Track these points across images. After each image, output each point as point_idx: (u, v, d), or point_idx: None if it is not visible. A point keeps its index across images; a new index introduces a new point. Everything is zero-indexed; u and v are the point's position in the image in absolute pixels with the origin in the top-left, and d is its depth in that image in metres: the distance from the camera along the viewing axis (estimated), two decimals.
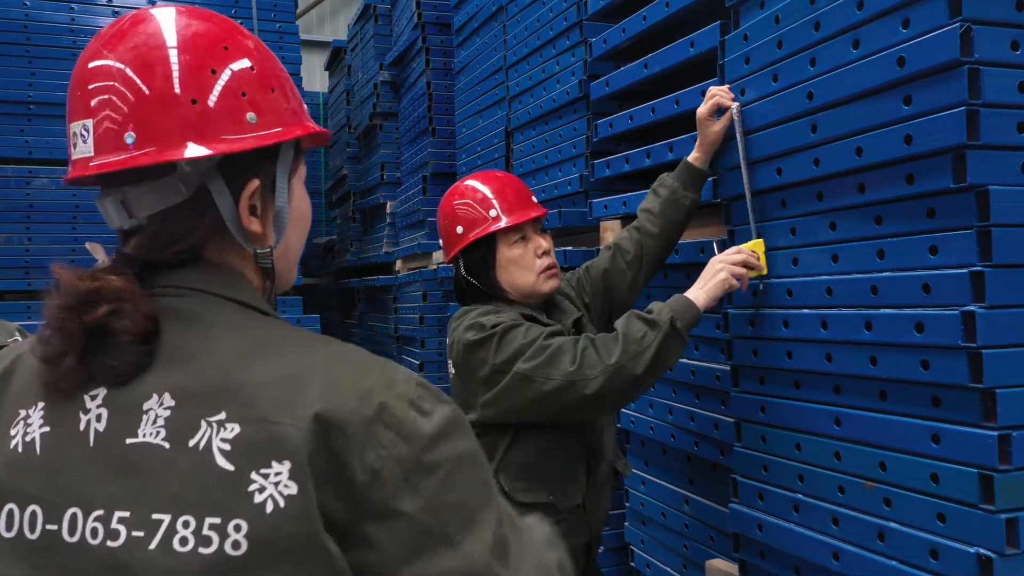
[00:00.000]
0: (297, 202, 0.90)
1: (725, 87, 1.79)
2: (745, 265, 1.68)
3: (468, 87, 3.81)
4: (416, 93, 4.72)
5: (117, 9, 4.33)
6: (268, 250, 0.86)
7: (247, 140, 0.81)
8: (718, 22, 1.93)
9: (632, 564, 2.49)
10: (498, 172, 1.98)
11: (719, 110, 1.79)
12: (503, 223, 1.81)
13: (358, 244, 6.07)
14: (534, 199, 1.92)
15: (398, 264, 4.94)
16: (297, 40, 4.66)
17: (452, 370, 1.83)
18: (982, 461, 1.26)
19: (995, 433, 1.24)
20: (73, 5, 4.26)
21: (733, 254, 1.69)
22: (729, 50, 1.84)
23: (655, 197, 1.96)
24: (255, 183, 0.82)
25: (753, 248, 1.70)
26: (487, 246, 1.84)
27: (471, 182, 1.91)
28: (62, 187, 4.14)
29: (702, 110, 1.82)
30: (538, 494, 1.75)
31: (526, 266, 1.83)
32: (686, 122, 2.17)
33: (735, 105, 1.74)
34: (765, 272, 1.70)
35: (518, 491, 1.73)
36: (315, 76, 9.54)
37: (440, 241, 1.95)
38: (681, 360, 2.13)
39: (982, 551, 1.25)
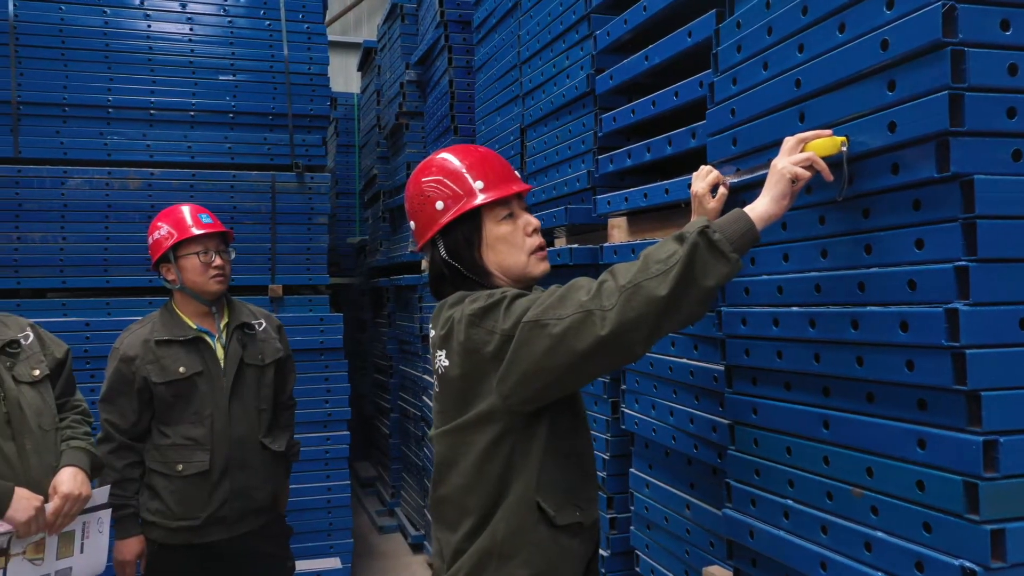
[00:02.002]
0: None
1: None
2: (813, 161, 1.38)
3: (487, 84, 3.78)
4: (440, 92, 4.72)
5: (149, 12, 4.41)
6: None
7: None
8: (714, 10, 1.86)
9: (637, 569, 2.43)
10: (474, 146, 1.77)
11: (715, 187, 1.69)
12: (491, 196, 1.61)
13: (387, 243, 6.09)
14: (517, 174, 1.74)
15: (424, 263, 4.94)
16: (325, 41, 4.68)
17: (444, 363, 1.59)
18: (967, 468, 1.18)
19: (980, 438, 1.16)
20: (106, 8, 4.34)
21: (795, 150, 1.41)
22: (723, 38, 1.78)
23: None
24: None
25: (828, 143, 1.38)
26: (472, 223, 1.62)
27: (447, 155, 1.69)
28: (96, 187, 4.23)
29: (700, 188, 1.69)
30: (570, 514, 1.59)
31: (516, 244, 1.63)
32: (690, 114, 2.11)
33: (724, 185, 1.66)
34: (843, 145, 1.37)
35: (557, 511, 1.56)
36: (352, 78, 9.63)
37: (411, 224, 1.74)
38: (680, 360, 2.07)
39: (967, 564, 1.17)
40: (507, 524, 1.54)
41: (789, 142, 1.42)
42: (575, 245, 2.62)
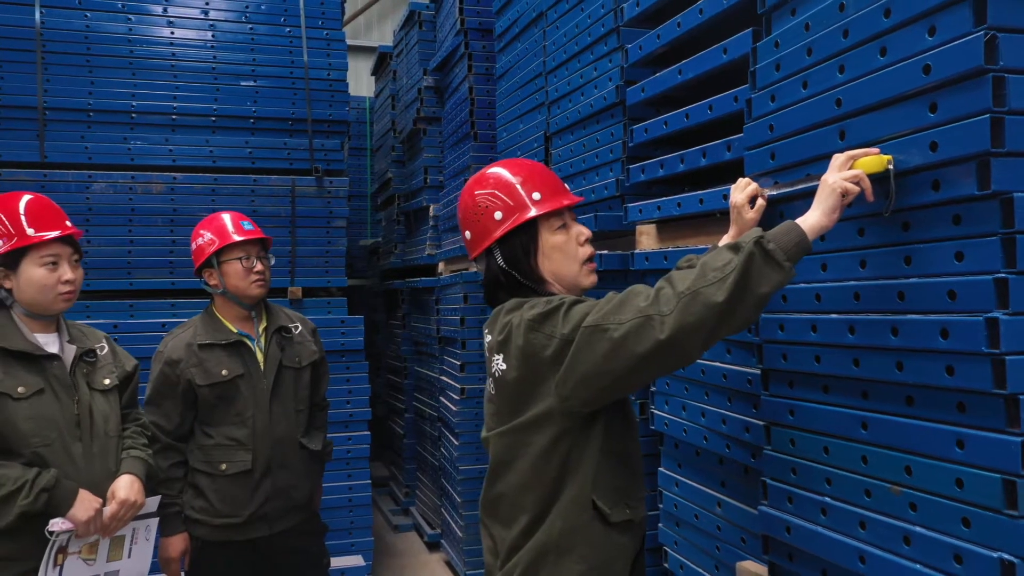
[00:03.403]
0: None
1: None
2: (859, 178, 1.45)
3: (509, 92, 3.86)
4: (459, 98, 4.79)
5: (172, 19, 4.48)
6: None
7: None
8: (750, 29, 1.94)
9: (666, 565, 2.51)
10: (525, 159, 1.85)
11: (753, 199, 1.78)
12: (547, 207, 1.69)
13: (402, 246, 6.17)
14: (567, 186, 1.82)
15: (441, 266, 5.02)
16: (344, 47, 4.75)
17: (502, 366, 1.66)
18: (1006, 467, 1.26)
19: (1019, 439, 1.24)
20: (131, 16, 4.42)
21: (844, 167, 1.47)
22: (760, 57, 1.86)
23: None
24: None
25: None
26: (528, 233, 1.71)
27: (499, 170, 1.77)
28: (120, 191, 4.31)
29: (739, 199, 1.78)
30: (621, 511, 1.67)
31: (570, 253, 1.72)
32: (720, 127, 2.19)
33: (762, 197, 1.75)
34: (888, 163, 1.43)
35: (611, 509, 1.64)
36: (362, 81, 9.70)
37: (466, 234, 1.80)
38: (713, 363, 2.15)
39: (1005, 556, 1.25)
40: (564, 521, 1.61)
41: (839, 159, 1.49)
42: (604, 251, 2.70)
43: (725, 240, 1.83)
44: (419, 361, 5.76)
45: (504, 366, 1.66)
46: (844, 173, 1.47)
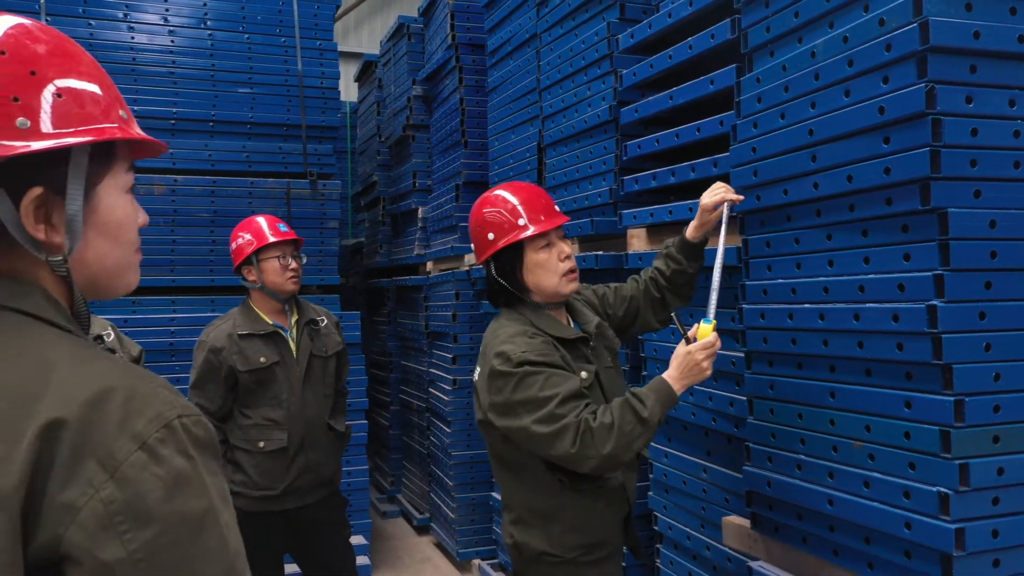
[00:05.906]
0: (109, 210, 0.87)
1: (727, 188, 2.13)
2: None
3: (501, 104, 4.17)
4: (449, 108, 5.09)
5: (173, 28, 4.70)
6: (61, 258, 0.83)
7: (12, 147, 0.78)
8: (734, 65, 2.30)
9: (655, 528, 2.86)
10: (525, 183, 2.14)
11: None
12: (531, 231, 2.00)
13: (388, 246, 6.43)
14: (557, 207, 2.11)
15: (429, 265, 5.30)
16: (336, 56, 5.01)
17: (480, 369, 2.07)
18: (942, 420, 1.63)
19: (952, 399, 1.61)
20: (133, 25, 4.62)
21: (710, 346, 1.94)
22: (744, 90, 2.21)
23: (666, 267, 2.23)
24: (37, 190, 0.80)
25: (711, 330, 1.96)
26: (516, 251, 2.03)
27: (501, 192, 2.08)
28: None
29: (708, 202, 2.09)
30: (588, 480, 1.99)
31: (551, 269, 2.03)
32: (705, 145, 2.55)
33: (725, 205, 2.10)
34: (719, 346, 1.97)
35: (572, 479, 1.97)
36: (340, 85, 9.93)
37: (472, 244, 2.15)
38: None
39: (942, 489, 1.62)
40: (535, 496, 2.02)
41: (710, 347, 1.94)
42: (600, 252, 3.04)
43: (691, 229, 2.16)
44: (405, 355, 6.03)
45: (479, 369, 2.08)
46: (708, 352, 1.93)
